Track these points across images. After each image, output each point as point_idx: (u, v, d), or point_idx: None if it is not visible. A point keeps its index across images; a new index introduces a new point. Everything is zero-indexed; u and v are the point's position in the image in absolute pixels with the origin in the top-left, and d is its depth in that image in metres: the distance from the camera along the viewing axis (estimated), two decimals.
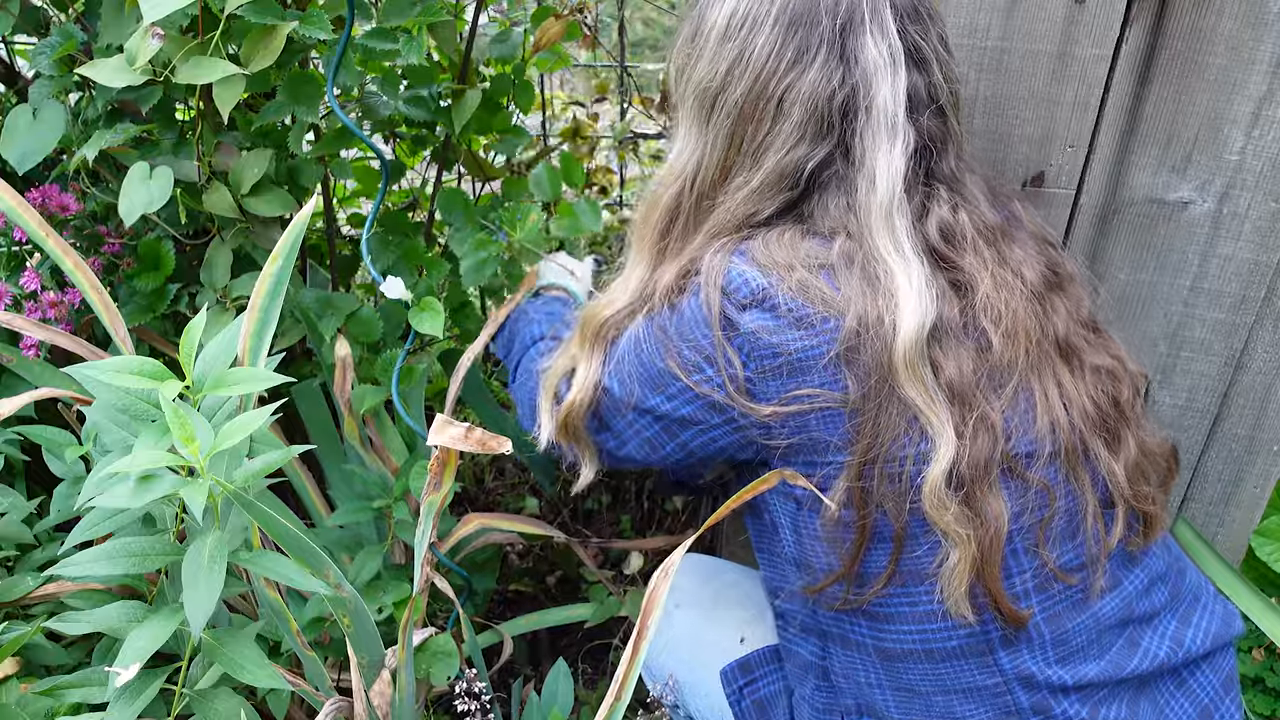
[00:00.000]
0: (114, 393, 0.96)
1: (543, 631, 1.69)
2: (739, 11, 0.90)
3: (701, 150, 0.95)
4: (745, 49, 0.89)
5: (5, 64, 1.48)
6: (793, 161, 0.90)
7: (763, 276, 0.87)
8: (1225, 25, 1.09)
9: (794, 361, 0.87)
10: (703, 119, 0.94)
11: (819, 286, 0.86)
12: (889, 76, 0.87)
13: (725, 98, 0.91)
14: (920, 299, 0.85)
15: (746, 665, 1.15)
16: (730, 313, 0.88)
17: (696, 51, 0.93)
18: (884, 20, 0.87)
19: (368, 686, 1.12)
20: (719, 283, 0.89)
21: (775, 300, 0.87)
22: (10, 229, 1.30)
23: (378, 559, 1.38)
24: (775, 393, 0.89)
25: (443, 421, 1.02)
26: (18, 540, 1.21)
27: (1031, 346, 0.90)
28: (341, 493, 1.52)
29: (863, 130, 0.88)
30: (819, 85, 0.87)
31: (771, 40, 0.88)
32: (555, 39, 1.41)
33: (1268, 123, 1.13)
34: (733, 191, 0.93)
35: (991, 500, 0.87)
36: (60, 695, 1.00)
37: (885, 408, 0.86)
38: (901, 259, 0.86)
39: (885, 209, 0.87)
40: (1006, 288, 0.90)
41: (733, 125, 0.92)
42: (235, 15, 1.10)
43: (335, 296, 1.39)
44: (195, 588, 0.86)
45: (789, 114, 0.89)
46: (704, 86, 0.93)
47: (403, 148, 1.63)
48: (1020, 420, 0.89)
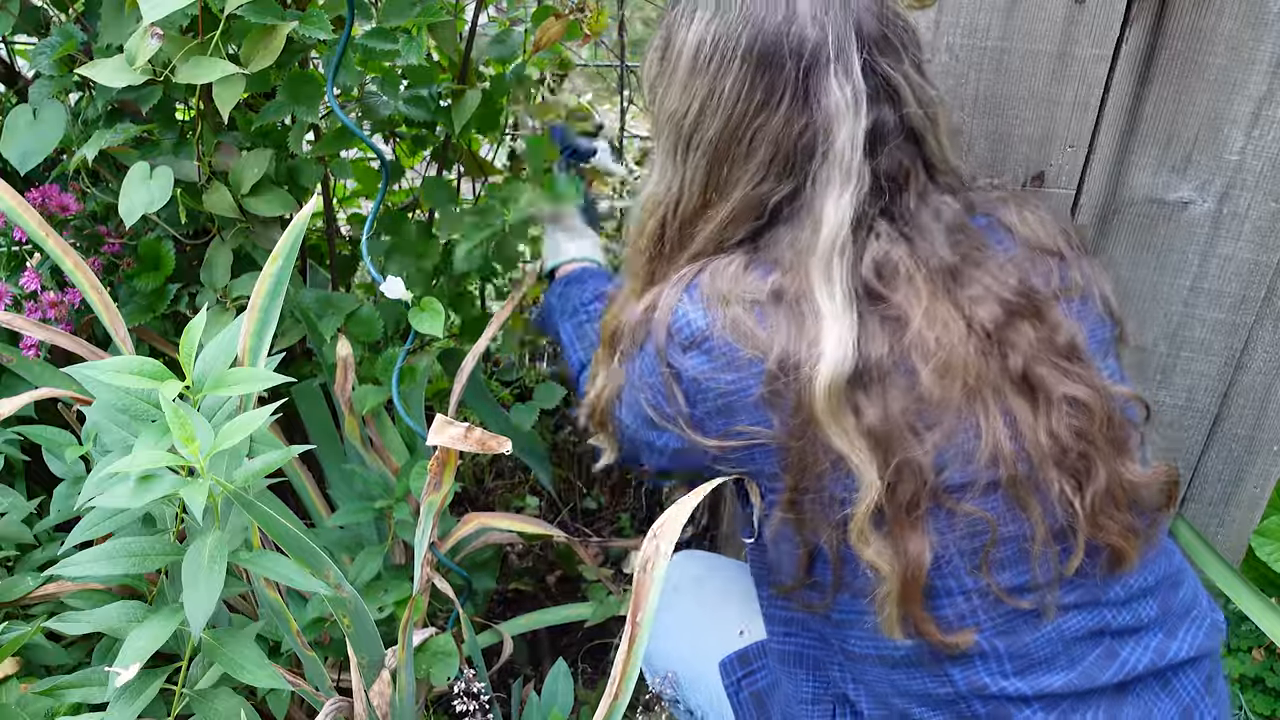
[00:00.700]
0: (114, 393, 0.96)
1: (543, 631, 1.69)
2: (706, 43, 0.90)
3: (680, 181, 0.96)
4: (715, 88, 0.90)
5: (5, 64, 1.48)
6: (757, 196, 0.92)
7: (703, 317, 0.90)
8: (1225, 25, 1.09)
9: (729, 401, 0.90)
10: (680, 152, 0.95)
11: (749, 325, 0.89)
12: (849, 119, 0.87)
13: (700, 135, 0.92)
14: (842, 345, 0.86)
15: (745, 657, 1.16)
16: (674, 357, 0.92)
17: (667, 77, 0.94)
18: (848, 60, 0.87)
19: (368, 686, 1.12)
20: (666, 323, 0.92)
21: (711, 343, 0.89)
22: (10, 229, 1.30)
23: (378, 560, 1.38)
24: (719, 428, 0.92)
25: (442, 422, 1.03)
26: (18, 540, 1.21)
27: (971, 380, 0.89)
28: (341, 493, 1.52)
29: (817, 173, 0.89)
30: (783, 128, 0.89)
31: (740, 81, 0.89)
32: (555, 39, 1.41)
33: (1268, 123, 1.13)
34: (707, 221, 0.96)
35: (913, 538, 0.88)
36: (60, 695, 1.00)
37: (810, 447, 0.88)
38: (831, 303, 0.87)
39: (825, 253, 0.88)
40: (941, 323, 0.89)
41: (709, 162, 0.93)
42: (235, 15, 1.10)
43: (335, 296, 1.39)
44: (195, 588, 0.86)
45: (756, 153, 0.90)
46: (678, 120, 0.94)
47: (403, 148, 1.63)
48: (956, 453, 0.89)
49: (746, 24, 0.88)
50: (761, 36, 0.87)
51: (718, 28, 0.89)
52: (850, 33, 0.87)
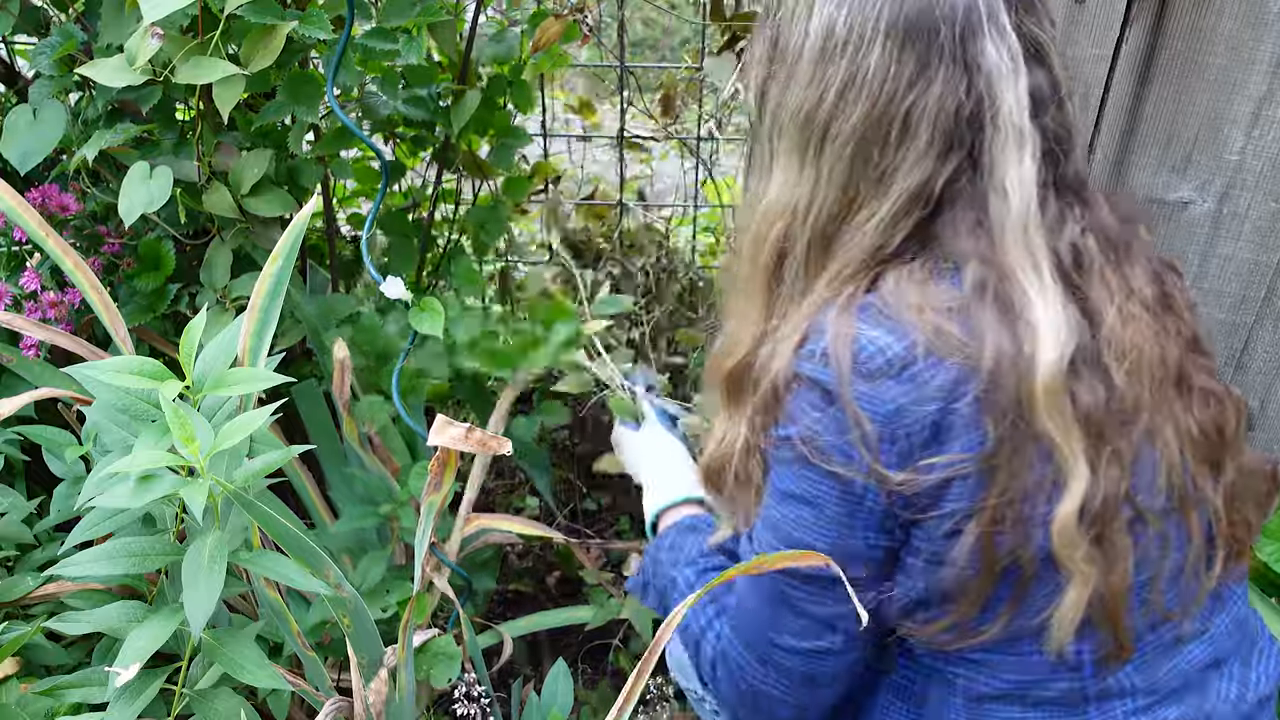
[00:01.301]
0: (114, 393, 0.96)
1: (543, 632, 1.69)
2: (838, 29, 0.82)
3: (812, 182, 0.86)
4: (857, 70, 0.81)
5: (5, 64, 1.48)
6: (923, 182, 0.83)
7: (896, 339, 0.80)
8: (1225, 25, 1.09)
9: (933, 431, 0.80)
10: (811, 149, 0.85)
11: (955, 335, 0.80)
12: (1012, 81, 0.81)
13: (839, 125, 0.83)
14: (1060, 327, 0.79)
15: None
16: (859, 391, 0.80)
17: (785, 73, 0.85)
18: (1000, 20, 0.81)
19: (368, 687, 1.12)
20: (847, 353, 0.80)
21: (916, 366, 0.79)
22: (10, 229, 1.30)
23: (382, 564, 1.38)
24: (913, 466, 0.81)
25: (443, 422, 1.02)
26: (18, 540, 1.21)
27: (1154, 386, 0.85)
28: (342, 493, 1.52)
29: (990, 142, 0.82)
30: (946, 99, 0.81)
31: (886, 57, 0.81)
32: (554, 39, 1.41)
33: (1268, 123, 1.13)
34: (859, 225, 0.85)
35: (1119, 539, 0.83)
36: (60, 695, 1.00)
37: (1021, 449, 0.80)
38: (1038, 281, 0.81)
39: (1020, 225, 0.81)
40: (1133, 321, 0.84)
41: (853, 154, 0.83)
42: (235, 15, 1.10)
43: (334, 298, 1.39)
44: (195, 588, 0.86)
45: (916, 134, 0.82)
46: (807, 113, 0.84)
47: (403, 148, 1.63)
48: (1143, 463, 0.85)
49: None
50: (907, 7, 0.80)
51: (850, 8, 0.82)
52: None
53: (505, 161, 1.51)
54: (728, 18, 1.36)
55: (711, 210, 1.94)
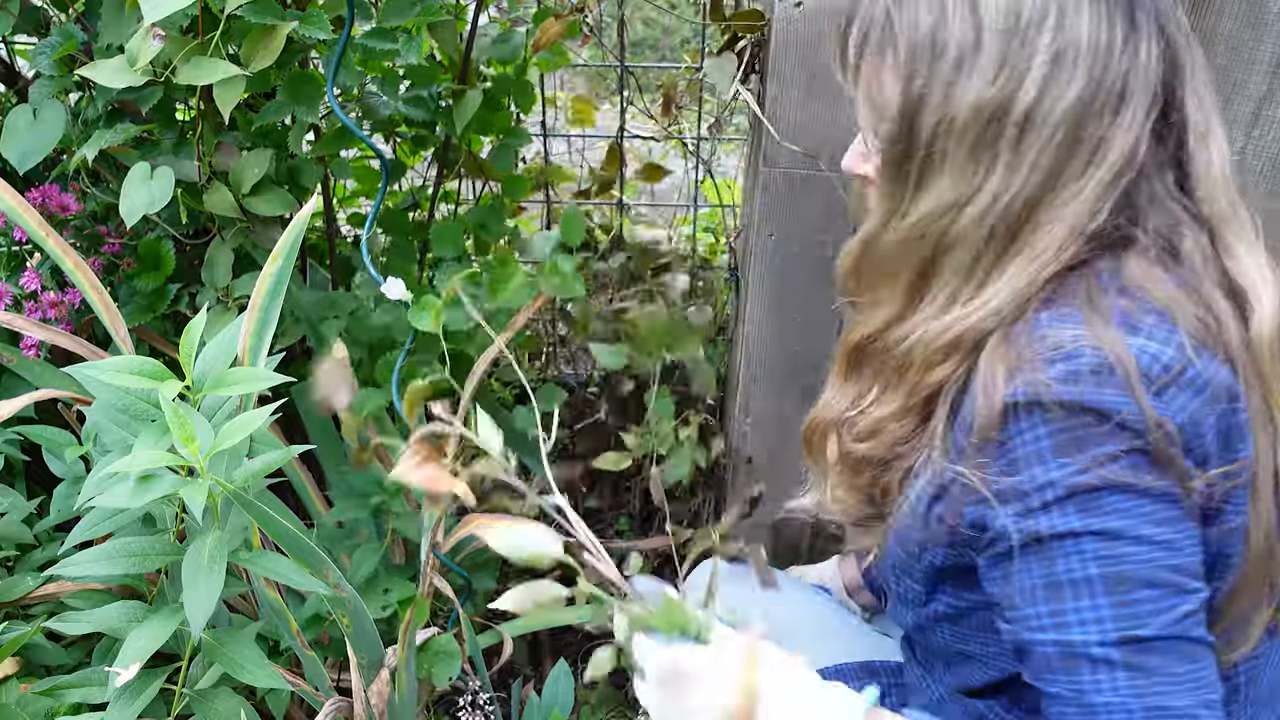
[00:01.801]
0: (114, 392, 0.96)
1: (543, 631, 1.69)
2: (1027, 4, 0.73)
3: (1003, 175, 0.76)
4: (1066, 41, 0.73)
5: (5, 64, 1.48)
6: (1132, 145, 0.75)
7: (1166, 341, 0.71)
8: (1225, 25, 1.09)
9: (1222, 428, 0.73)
10: (1003, 141, 0.75)
11: (1209, 322, 0.74)
12: (1190, 44, 0.77)
13: (1046, 107, 0.74)
14: (1270, 280, 0.75)
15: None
16: (1156, 407, 0.70)
17: (949, 73, 0.75)
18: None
19: (367, 686, 1.12)
20: (1128, 367, 0.70)
21: (1194, 367, 0.71)
22: (10, 229, 1.30)
23: (375, 557, 1.38)
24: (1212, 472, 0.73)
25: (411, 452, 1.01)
26: (18, 540, 1.21)
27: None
28: (341, 493, 1.52)
29: (1185, 98, 0.76)
30: (1151, 55, 0.74)
31: (1096, 17, 0.73)
32: (555, 39, 1.41)
33: (1268, 123, 1.13)
34: (1060, 204, 0.76)
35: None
36: (60, 695, 1.00)
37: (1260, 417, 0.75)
38: (1244, 238, 0.77)
39: (1223, 178, 0.78)
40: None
41: (1066, 133, 0.74)
42: (235, 15, 1.10)
43: (335, 295, 1.39)
44: (195, 587, 0.87)
45: (1131, 98, 0.74)
46: (997, 105, 0.74)
47: (403, 148, 1.63)
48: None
49: None
50: None
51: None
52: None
53: (506, 161, 1.51)
54: (727, 18, 1.36)
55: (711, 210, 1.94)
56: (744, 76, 1.35)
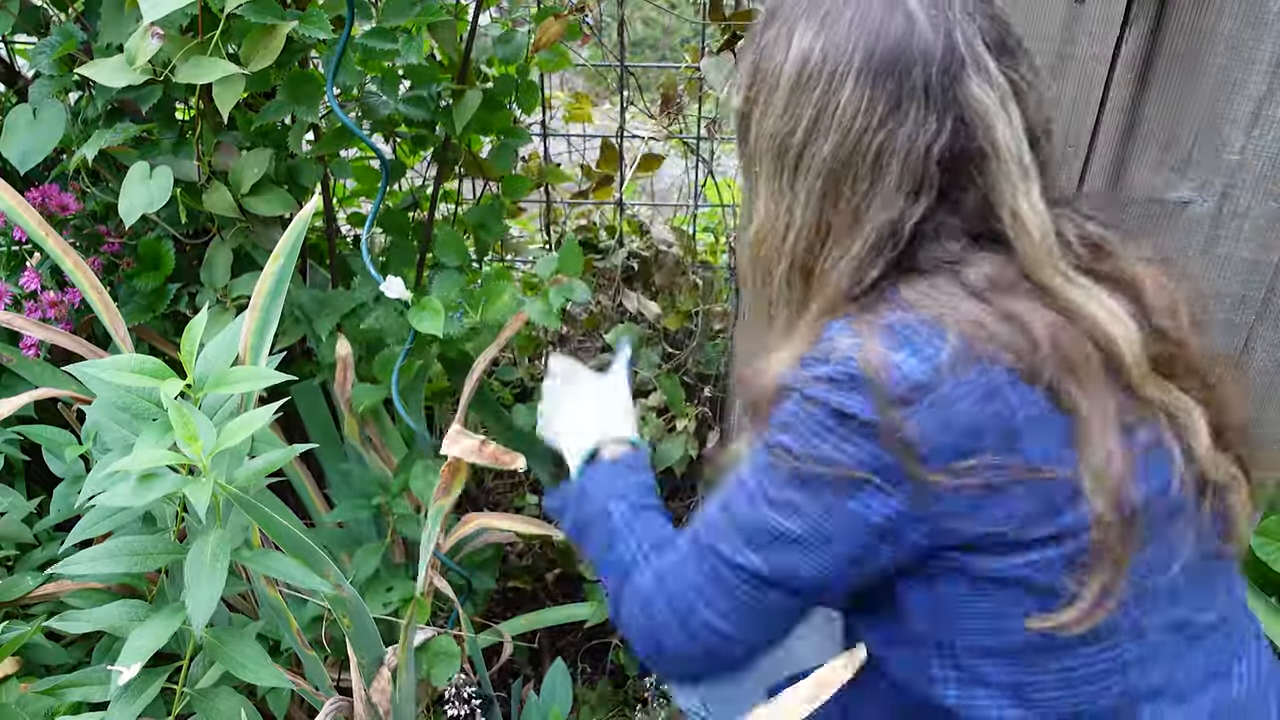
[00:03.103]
0: (115, 391, 0.96)
1: (542, 630, 1.69)
2: (813, 59, 0.83)
3: (788, 207, 0.87)
4: (829, 103, 0.82)
5: (5, 64, 1.48)
6: (891, 220, 0.83)
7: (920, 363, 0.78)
8: (1225, 25, 1.09)
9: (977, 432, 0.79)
10: (786, 174, 0.87)
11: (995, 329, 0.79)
12: (1002, 118, 0.82)
13: (810, 154, 0.84)
14: (1115, 313, 0.82)
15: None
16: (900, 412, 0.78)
17: (765, 98, 0.86)
18: (984, 62, 0.82)
19: (367, 686, 1.12)
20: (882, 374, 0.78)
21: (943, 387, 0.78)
22: (10, 229, 1.30)
23: (376, 556, 1.38)
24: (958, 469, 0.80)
25: (457, 432, 1.02)
26: (18, 540, 1.21)
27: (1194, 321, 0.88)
28: (341, 492, 1.52)
29: (993, 177, 0.83)
30: (917, 139, 0.81)
31: (859, 94, 0.82)
32: (555, 38, 1.41)
33: (1268, 123, 1.13)
34: (833, 263, 0.86)
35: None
36: (60, 694, 1.00)
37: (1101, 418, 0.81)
38: (1077, 288, 0.83)
39: (1045, 248, 0.83)
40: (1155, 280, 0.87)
41: (824, 184, 0.85)
42: (235, 15, 1.10)
43: (332, 294, 1.39)
44: (198, 586, 0.87)
45: (887, 169, 0.82)
46: (781, 139, 0.86)
47: (403, 148, 1.63)
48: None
49: (860, 37, 0.82)
50: (881, 48, 0.81)
51: (826, 41, 0.83)
52: (977, 36, 0.83)
53: (506, 161, 1.51)
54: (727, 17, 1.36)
55: (711, 210, 1.94)
56: None
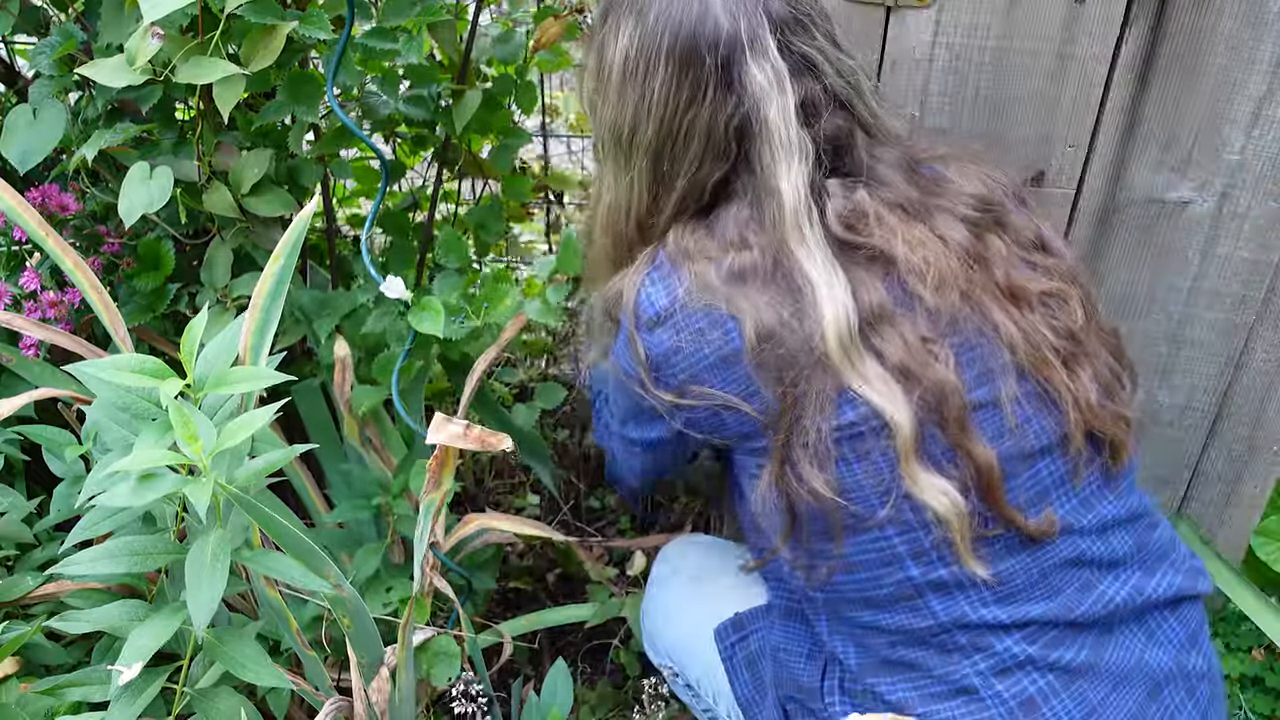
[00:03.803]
0: (115, 391, 0.96)
1: (543, 630, 1.69)
2: (631, 55, 0.95)
3: (629, 184, 1.02)
4: (645, 92, 0.95)
5: (5, 64, 1.48)
6: (697, 181, 0.98)
7: (664, 295, 0.96)
8: (1225, 25, 1.10)
9: (697, 369, 0.96)
10: (623, 157, 1.01)
11: (718, 285, 0.93)
12: (776, 97, 0.92)
13: (639, 138, 0.98)
14: (837, 301, 0.90)
15: (739, 622, 1.19)
16: (643, 336, 0.97)
17: (602, 90, 1.00)
18: (763, 44, 0.92)
19: (367, 686, 1.12)
20: (632, 304, 0.98)
21: (677, 317, 0.95)
22: (10, 229, 1.30)
23: (376, 556, 1.38)
24: (687, 394, 0.97)
25: (441, 419, 1.03)
26: (18, 540, 1.21)
27: (968, 288, 0.94)
28: (341, 493, 1.52)
29: (760, 151, 0.94)
30: (713, 117, 0.94)
31: (666, 82, 0.94)
32: (555, 39, 1.41)
33: (1268, 123, 1.13)
34: (659, 213, 1.02)
35: (975, 447, 0.92)
36: (60, 694, 1.00)
37: (809, 394, 0.91)
38: (814, 265, 0.92)
39: (795, 223, 0.92)
40: (920, 244, 0.94)
41: (651, 161, 0.99)
42: (235, 15, 1.10)
43: (332, 295, 1.39)
44: (198, 586, 0.86)
45: (691, 144, 0.96)
46: (617, 128, 0.99)
47: (403, 148, 1.63)
48: (976, 355, 0.94)
49: (665, 28, 0.93)
50: (680, 37, 0.93)
51: (640, 36, 0.95)
52: (761, 18, 0.93)
53: (506, 162, 1.51)
54: None
55: None
56: None
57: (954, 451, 0.92)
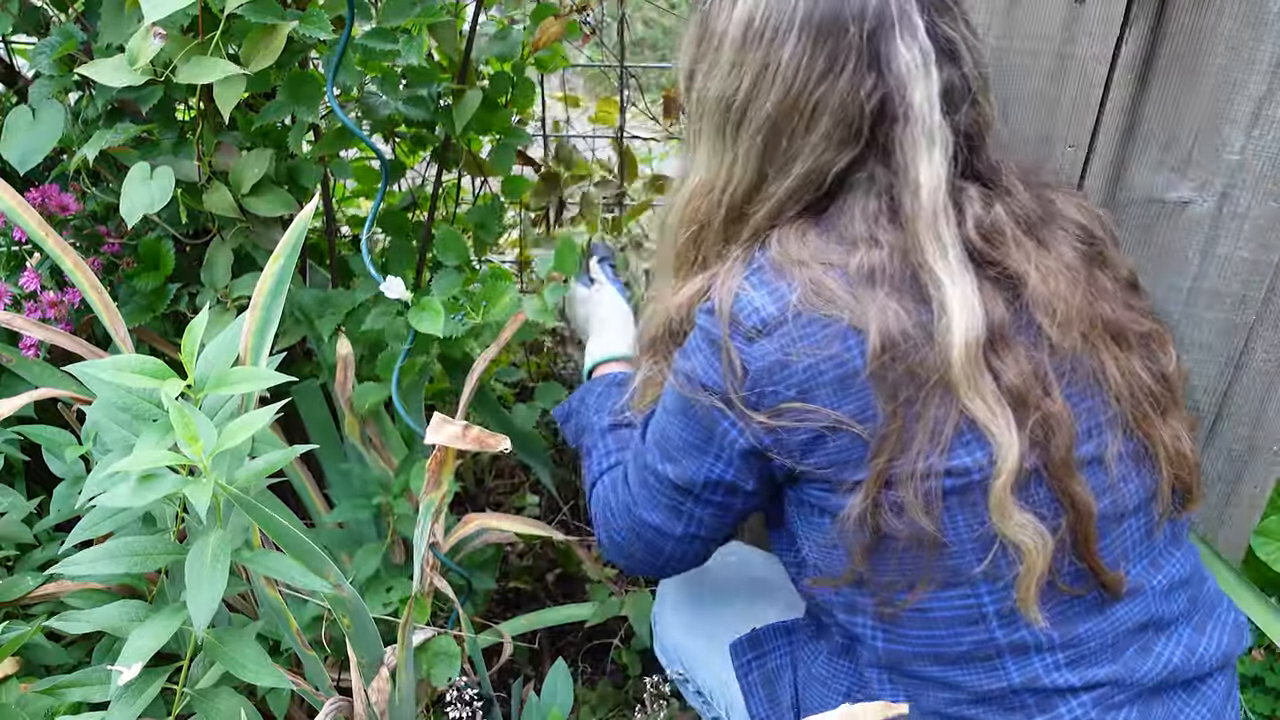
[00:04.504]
0: (115, 391, 0.96)
1: (543, 630, 1.69)
2: (756, 20, 0.87)
3: (730, 163, 0.92)
4: (770, 61, 0.86)
5: (5, 64, 1.48)
6: (819, 167, 0.88)
7: (772, 300, 0.86)
8: (1225, 25, 1.09)
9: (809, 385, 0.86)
10: (728, 132, 0.91)
11: (837, 292, 0.85)
12: (922, 80, 0.84)
13: (754, 111, 0.88)
14: (969, 308, 0.83)
15: (756, 639, 1.16)
16: (740, 348, 0.87)
17: (710, 60, 0.90)
18: (912, 21, 0.84)
19: (367, 686, 1.12)
20: (728, 310, 0.87)
21: (787, 325, 0.85)
22: (10, 229, 1.30)
23: (376, 556, 1.38)
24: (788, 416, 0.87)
25: (440, 420, 1.03)
26: (18, 540, 1.21)
27: (1088, 330, 0.89)
28: (341, 493, 1.52)
29: (901, 138, 0.86)
30: (848, 94, 0.85)
31: (799, 51, 0.85)
32: (555, 38, 1.41)
33: (1268, 123, 1.13)
34: (761, 201, 0.92)
35: (1075, 487, 0.87)
36: (60, 694, 1.00)
37: (923, 418, 0.84)
38: (948, 266, 0.85)
39: (930, 217, 0.85)
40: (1054, 276, 0.89)
41: (765, 138, 0.89)
42: (235, 15, 1.10)
43: (333, 294, 1.39)
44: (198, 586, 0.87)
45: (818, 123, 0.87)
46: (726, 99, 0.90)
47: (403, 148, 1.63)
48: (1087, 403, 0.89)
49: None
50: (820, 4, 0.84)
51: (768, 2, 0.86)
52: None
53: (505, 161, 1.51)
54: None
55: None
56: None
57: (1054, 495, 0.87)
